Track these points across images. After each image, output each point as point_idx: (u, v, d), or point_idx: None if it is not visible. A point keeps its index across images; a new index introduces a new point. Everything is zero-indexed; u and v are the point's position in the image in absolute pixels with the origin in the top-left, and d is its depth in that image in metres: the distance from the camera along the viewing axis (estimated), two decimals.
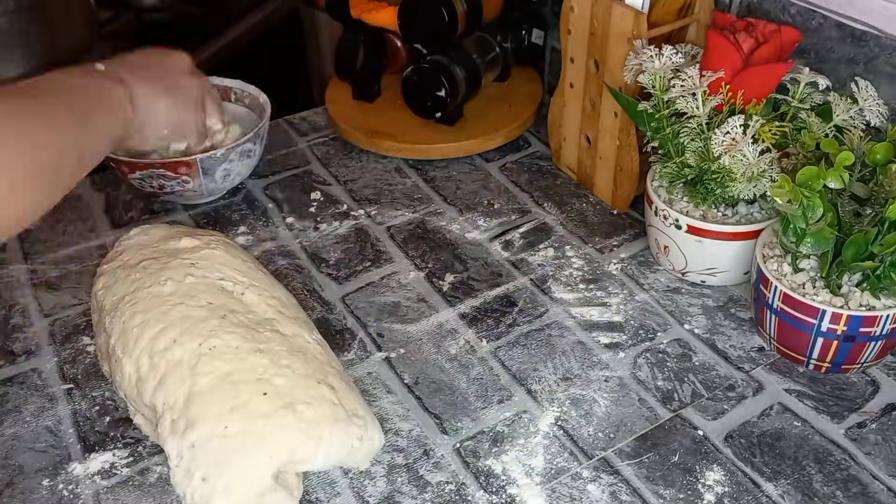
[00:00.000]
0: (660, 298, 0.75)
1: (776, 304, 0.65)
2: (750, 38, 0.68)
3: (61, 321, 0.74)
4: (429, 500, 0.59)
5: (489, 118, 0.97)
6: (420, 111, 0.95)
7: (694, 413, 0.65)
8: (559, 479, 0.60)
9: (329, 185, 0.92)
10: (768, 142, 0.66)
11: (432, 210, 0.88)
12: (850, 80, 0.68)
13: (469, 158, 0.95)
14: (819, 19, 0.74)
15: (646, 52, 0.71)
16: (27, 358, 0.71)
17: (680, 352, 0.70)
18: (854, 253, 0.61)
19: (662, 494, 0.59)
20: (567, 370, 0.69)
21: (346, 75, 1.01)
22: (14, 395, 0.67)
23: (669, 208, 0.72)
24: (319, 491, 0.60)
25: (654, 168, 0.75)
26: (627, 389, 0.67)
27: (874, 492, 0.59)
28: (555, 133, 0.92)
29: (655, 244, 0.77)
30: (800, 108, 0.69)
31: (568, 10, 0.82)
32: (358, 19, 0.96)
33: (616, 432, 0.63)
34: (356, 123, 0.97)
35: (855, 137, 0.66)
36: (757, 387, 0.67)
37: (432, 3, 0.87)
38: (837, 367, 0.67)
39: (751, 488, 0.59)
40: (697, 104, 0.68)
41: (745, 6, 0.80)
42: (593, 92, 0.83)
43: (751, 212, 0.72)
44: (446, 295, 0.77)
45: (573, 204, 0.88)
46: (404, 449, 0.63)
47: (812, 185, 0.60)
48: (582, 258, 0.80)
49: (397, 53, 1.00)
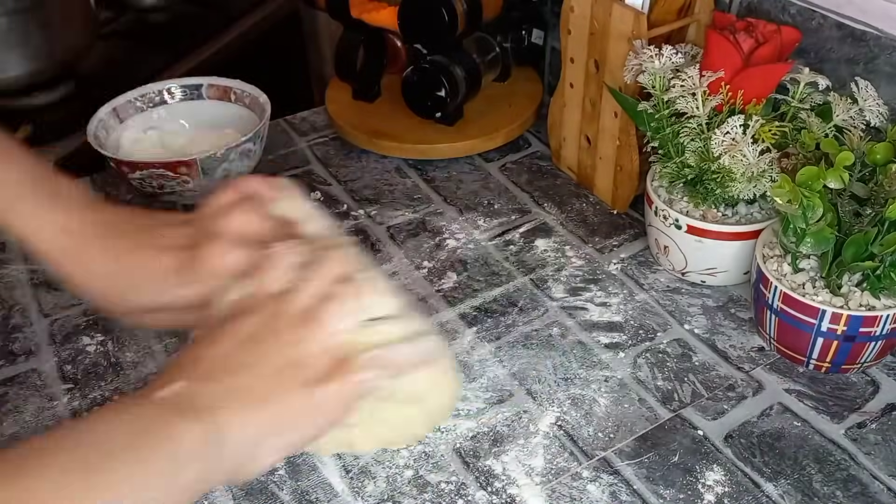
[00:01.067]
0: (660, 298, 0.75)
1: (776, 304, 0.65)
2: (750, 38, 0.68)
3: (61, 321, 0.74)
4: (429, 500, 0.59)
5: (489, 118, 0.97)
6: (420, 111, 0.95)
7: (694, 413, 0.65)
8: (559, 479, 0.60)
9: (329, 185, 0.92)
10: (768, 142, 0.66)
11: (432, 210, 0.88)
12: (850, 80, 0.68)
13: (469, 158, 0.95)
14: (819, 19, 0.74)
15: (646, 52, 0.71)
16: (27, 358, 0.71)
17: (680, 352, 0.70)
18: (854, 253, 0.61)
19: (662, 494, 0.59)
20: (567, 370, 0.69)
21: (346, 75, 1.01)
22: (14, 395, 0.67)
23: (669, 208, 0.72)
24: (319, 491, 0.60)
25: (654, 168, 0.75)
26: (627, 389, 0.67)
27: (874, 492, 0.59)
28: (555, 133, 0.92)
29: (655, 244, 0.77)
30: (800, 108, 0.69)
31: (568, 10, 0.82)
32: (358, 19, 0.96)
33: (616, 432, 0.63)
34: (356, 123, 0.97)
35: (855, 137, 0.66)
36: (757, 387, 0.67)
37: (432, 3, 0.87)
38: (837, 367, 0.67)
39: (751, 488, 0.59)
40: (697, 104, 0.68)
41: (745, 6, 0.80)
42: (593, 92, 0.83)
43: (751, 212, 0.72)
44: (446, 295, 0.77)
45: (573, 204, 0.88)
46: (404, 449, 0.63)
47: (812, 185, 0.60)
48: (582, 258, 0.80)
49: (397, 53, 1.00)
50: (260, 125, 0.86)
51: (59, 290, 0.78)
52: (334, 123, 0.99)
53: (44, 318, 0.75)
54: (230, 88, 0.93)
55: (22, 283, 0.79)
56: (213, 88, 0.93)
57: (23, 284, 0.78)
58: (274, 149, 0.97)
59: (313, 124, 1.02)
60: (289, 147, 0.98)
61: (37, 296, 0.77)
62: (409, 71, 0.93)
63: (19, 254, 0.82)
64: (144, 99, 0.92)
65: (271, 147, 0.95)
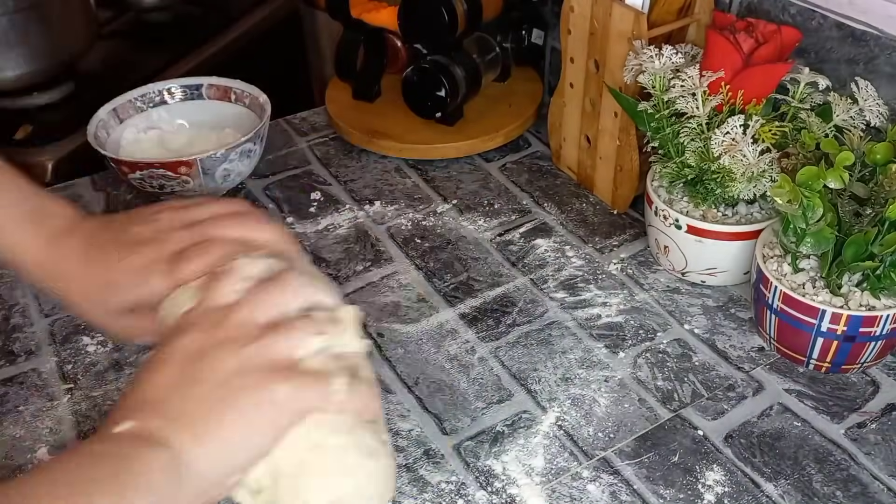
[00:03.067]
0: (660, 298, 0.75)
1: (776, 304, 0.65)
2: (750, 38, 0.68)
3: (61, 321, 0.74)
4: (429, 500, 0.59)
5: (489, 118, 0.97)
6: (420, 111, 0.95)
7: (694, 413, 0.65)
8: (559, 479, 0.60)
9: (329, 185, 0.92)
10: (768, 142, 0.66)
11: (432, 210, 0.88)
12: (850, 80, 0.68)
13: (469, 158, 0.95)
14: (819, 19, 0.74)
15: (646, 53, 0.71)
16: (27, 358, 0.71)
17: (680, 352, 0.70)
18: (854, 253, 0.61)
19: (662, 494, 0.59)
20: (567, 370, 0.69)
21: (346, 75, 1.01)
22: (14, 395, 0.67)
23: (669, 208, 0.72)
24: None
25: (654, 168, 0.75)
26: (627, 389, 0.67)
27: (874, 492, 0.59)
28: (555, 133, 0.92)
29: (655, 244, 0.77)
30: (800, 108, 0.69)
31: (568, 10, 0.82)
32: (358, 19, 0.96)
33: (616, 432, 0.63)
34: (356, 123, 0.97)
35: (855, 137, 0.66)
36: (757, 387, 0.67)
37: (432, 3, 0.87)
38: (837, 367, 0.67)
39: (751, 488, 0.59)
40: (697, 104, 0.68)
41: (745, 6, 0.80)
42: (593, 92, 0.83)
43: (751, 212, 0.72)
44: (446, 295, 0.77)
45: (573, 204, 0.88)
46: (404, 449, 0.63)
47: (812, 185, 0.60)
48: (582, 258, 0.80)
49: (397, 53, 0.99)
50: (260, 125, 0.86)
51: None
52: (334, 123, 0.99)
53: (44, 318, 0.75)
54: (230, 88, 0.93)
55: (22, 284, 0.78)
56: (213, 88, 0.94)
57: (23, 284, 0.78)
58: (274, 149, 0.97)
59: (313, 124, 1.02)
60: (289, 147, 0.98)
61: (37, 296, 0.77)
62: (409, 71, 0.93)
63: None
64: (144, 99, 0.92)
65: (271, 147, 0.95)
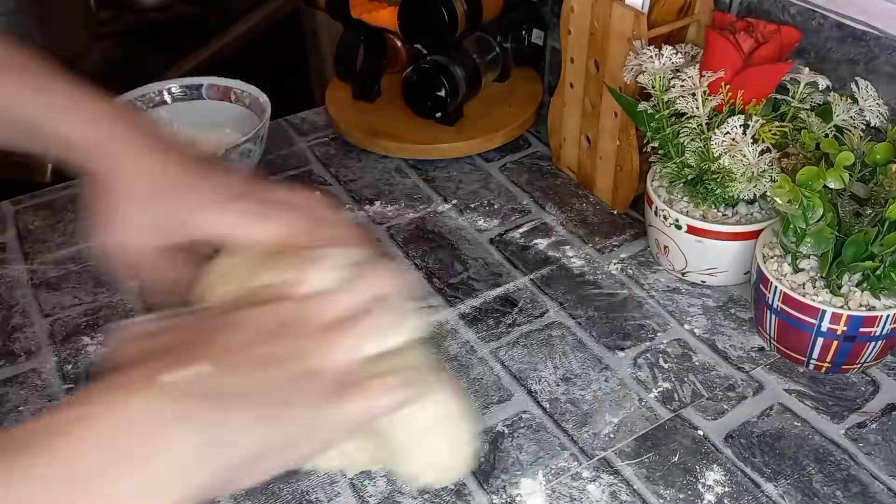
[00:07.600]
0: (660, 298, 0.75)
1: (776, 304, 0.65)
2: (750, 38, 0.68)
3: (61, 321, 0.74)
4: (429, 501, 0.59)
5: (489, 118, 0.97)
6: (420, 111, 0.95)
7: (694, 413, 0.65)
8: (559, 479, 0.60)
9: (329, 185, 0.92)
10: (768, 142, 0.66)
11: (432, 210, 0.88)
12: (850, 80, 0.68)
13: (469, 158, 0.95)
14: (819, 19, 0.74)
15: (646, 53, 0.71)
16: (27, 358, 0.71)
17: (680, 352, 0.70)
18: (854, 253, 0.61)
19: (662, 494, 0.59)
20: (567, 370, 0.69)
21: (346, 75, 1.01)
22: (14, 395, 0.67)
23: (669, 208, 0.72)
24: (319, 491, 0.60)
25: (654, 168, 0.75)
26: (627, 389, 0.67)
27: (874, 492, 0.59)
28: (555, 133, 0.92)
29: (655, 244, 0.77)
30: (800, 108, 0.69)
31: (568, 10, 0.82)
32: (358, 19, 0.96)
33: (616, 432, 0.63)
34: (356, 123, 0.97)
35: (855, 137, 0.66)
36: (757, 387, 0.67)
37: (432, 3, 0.87)
38: (837, 367, 0.67)
39: (751, 488, 0.59)
40: (697, 104, 0.68)
41: (745, 6, 0.80)
42: (593, 92, 0.83)
43: (751, 212, 0.72)
44: (446, 295, 0.77)
45: (573, 204, 0.88)
46: None
47: (812, 185, 0.60)
48: (582, 258, 0.80)
49: (397, 53, 0.99)
50: (260, 125, 0.86)
51: (59, 290, 0.78)
52: (334, 123, 0.99)
53: (44, 318, 0.75)
54: (230, 88, 0.93)
55: (22, 283, 0.79)
56: (213, 88, 0.94)
57: (23, 284, 0.78)
58: (274, 149, 0.97)
59: (313, 124, 1.02)
60: (289, 147, 0.98)
61: (37, 296, 0.77)
62: (409, 71, 0.93)
63: (19, 254, 0.82)
64: (144, 99, 0.92)
65: (271, 147, 0.95)
